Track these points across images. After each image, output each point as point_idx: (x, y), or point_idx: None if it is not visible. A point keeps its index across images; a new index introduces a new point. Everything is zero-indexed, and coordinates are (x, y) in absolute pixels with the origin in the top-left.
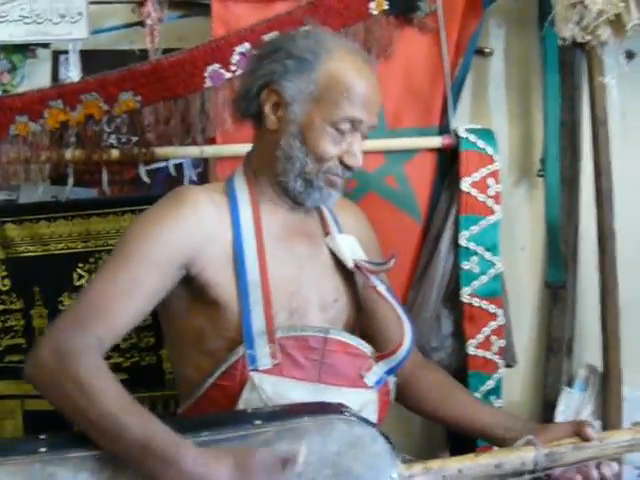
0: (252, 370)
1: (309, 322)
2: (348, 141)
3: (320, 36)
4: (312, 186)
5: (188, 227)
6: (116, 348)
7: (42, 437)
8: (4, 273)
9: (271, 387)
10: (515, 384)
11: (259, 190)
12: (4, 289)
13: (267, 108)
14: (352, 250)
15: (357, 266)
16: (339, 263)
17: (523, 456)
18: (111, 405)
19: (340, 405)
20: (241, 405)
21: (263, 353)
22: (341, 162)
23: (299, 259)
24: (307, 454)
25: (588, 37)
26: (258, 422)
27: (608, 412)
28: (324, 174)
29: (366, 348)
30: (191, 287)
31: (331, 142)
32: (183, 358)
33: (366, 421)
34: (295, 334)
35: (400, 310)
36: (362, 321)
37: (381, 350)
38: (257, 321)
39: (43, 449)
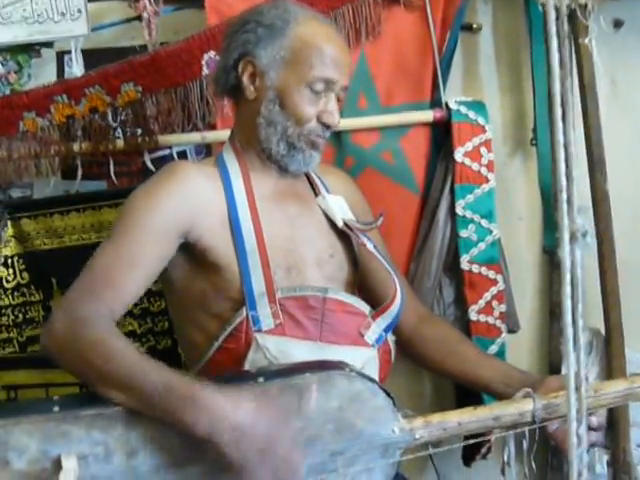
0: (256, 331)
1: (307, 279)
2: (324, 101)
3: (287, 5)
4: (295, 148)
5: (181, 197)
6: (132, 333)
7: (55, 398)
8: (22, 267)
9: (274, 346)
10: (520, 350)
11: (248, 160)
12: (23, 282)
13: (245, 79)
14: (341, 209)
15: (346, 225)
16: (332, 222)
17: (521, 408)
18: (130, 358)
19: (340, 362)
20: (247, 366)
21: (265, 314)
22: (320, 122)
23: (292, 218)
24: (310, 410)
25: (567, 1)
26: (261, 380)
27: (612, 374)
28: (305, 136)
29: (364, 306)
30: (192, 254)
31: (308, 103)
32: (190, 322)
33: (366, 376)
34: (295, 294)
35: (388, 266)
36: (360, 280)
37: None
38: (257, 283)
39: (56, 408)
